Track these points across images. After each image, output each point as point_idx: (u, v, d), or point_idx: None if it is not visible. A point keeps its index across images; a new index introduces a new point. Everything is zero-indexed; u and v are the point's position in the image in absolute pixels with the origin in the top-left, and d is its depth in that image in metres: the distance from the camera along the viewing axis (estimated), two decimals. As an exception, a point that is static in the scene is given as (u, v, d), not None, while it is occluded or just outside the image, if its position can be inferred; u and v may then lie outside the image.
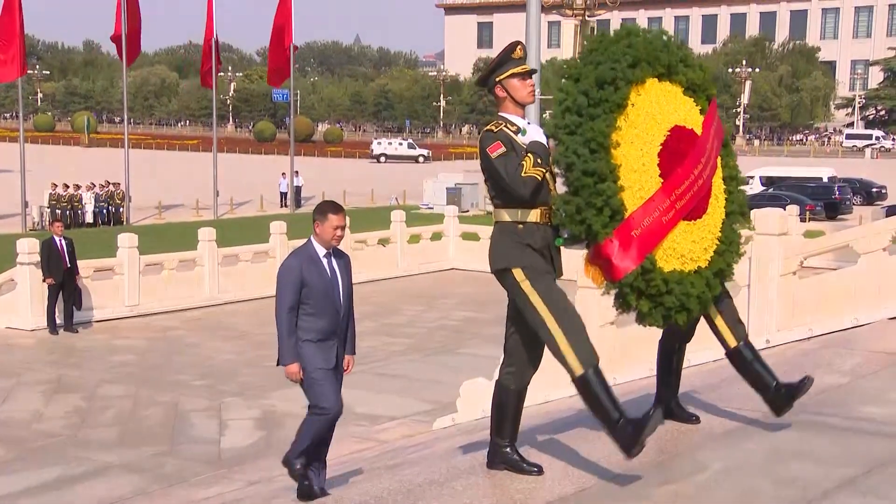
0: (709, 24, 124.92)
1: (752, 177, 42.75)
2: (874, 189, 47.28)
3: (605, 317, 10.75)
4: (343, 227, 6.43)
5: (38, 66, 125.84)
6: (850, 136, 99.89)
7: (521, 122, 4.90)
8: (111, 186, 39.60)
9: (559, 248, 4.90)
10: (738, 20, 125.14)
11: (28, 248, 18.56)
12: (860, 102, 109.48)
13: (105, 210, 38.93)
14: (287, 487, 7.19)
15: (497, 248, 4.88)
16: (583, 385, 4.68)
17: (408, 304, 21.36)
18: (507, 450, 5.02)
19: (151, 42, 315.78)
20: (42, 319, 18.28)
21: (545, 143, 4.85)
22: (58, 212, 35.90)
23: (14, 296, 18.69)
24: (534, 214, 4.81)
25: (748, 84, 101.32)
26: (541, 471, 4.96)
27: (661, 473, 4.92)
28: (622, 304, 4.92)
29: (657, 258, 4.82)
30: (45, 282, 18.01)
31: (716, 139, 5.21)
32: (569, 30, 39.86)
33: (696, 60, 5.30)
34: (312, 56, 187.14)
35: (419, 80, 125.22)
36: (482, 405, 10.27)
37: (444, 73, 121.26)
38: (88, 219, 38.14)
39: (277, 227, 23.14)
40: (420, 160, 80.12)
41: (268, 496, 7.65)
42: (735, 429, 5.63)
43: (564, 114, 4.80)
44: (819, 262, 14.24)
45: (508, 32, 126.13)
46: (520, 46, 5.04)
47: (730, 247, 5.27)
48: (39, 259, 18.21)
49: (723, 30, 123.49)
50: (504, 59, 4.98)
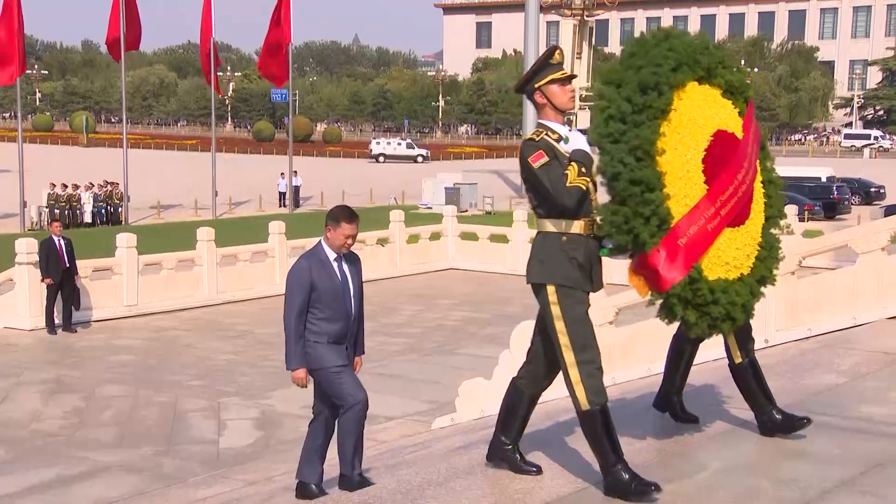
0: (707, 24, 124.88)
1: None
2: (873, 189, 47.32)
3: (604, 316, 10.74)
4: (354, 237, 6.31)
5: (37, 66, 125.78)
6: (849, 136, 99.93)
7: (563, 130, 4.76)
8: (110, 186, 39.60)
9: (601, 260, 4.77)
10: (737, 20, 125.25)
11: (27, 248, 18.56)
12: (859, 102, 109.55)
13: (104, 210, 38.91)
14: (286, 487, 7.19)
15: (536, 261, 4.76)
16: (586, 421, 4.66)
17: (406, 304, 21.35)
18: (509, 448, 5.01)
19: (150, 42, 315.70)
20: (41, 319, 18.26)
21: (589, 152, 4.72)
22: (56, 211, 35.88)
23: (13, 296, 18.68)
24: (578, 226, 4.68)
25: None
26: (539, 471, 4.96)
27: (661, 473, 4.92)
28: (668, 314, 4.81)
29: (703, 267, 4.73)
30: (44, 282, 18.00)
31: (755, 142, 5.12)
32: (567, 30, 39.92)
33: (734, 62, 5.18)
34: (311, 56, 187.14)
35: (418, 80, 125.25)
36: (481, 405, 10.29)
37: (443, 73, 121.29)
38: (87, 219, 38.13)
39: (276, 227, 23.13)
40: (419, 160, 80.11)
41: (266, 496, 7.64)
42: (735, 429, 5.63)
43: (608, 121, 4.66)
44: (818, 262, 14.23)
45: (507, 32, 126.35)
46: (558, 51, 4.88)
47: (770, 252, 5.17)
48: (38, 259, 18.20)
49: (721, 30, 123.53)
50: (543, 65, 4.82)
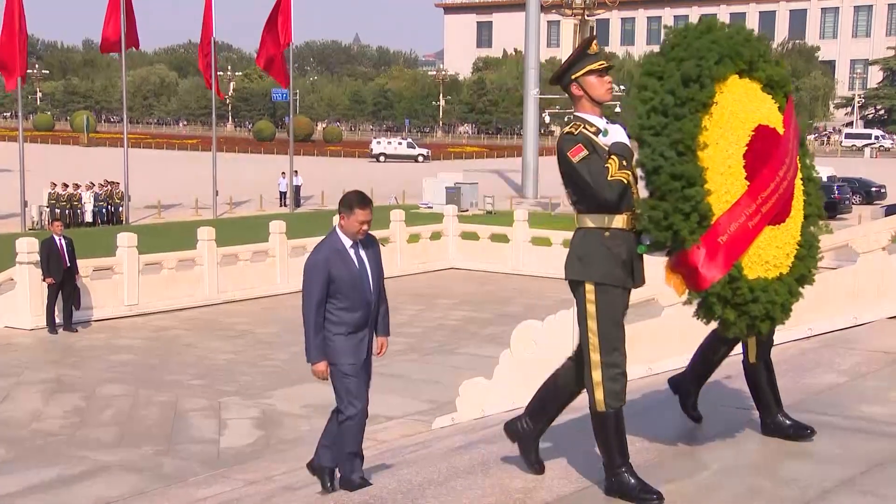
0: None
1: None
2: (873, 188, 47.32)
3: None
4: (369, 222, 6.21)
5: (38, 66, 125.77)
6: (850, 136, 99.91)
7: (601, 123, 4.65)
8: (110, 186, 39.61)
9: (641, 256, 4.67)
10: (738, 19, 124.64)
11: (27, 248, 18.57)
12: (859, 102, 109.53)
13: (104, 209, 38.93)
14: (286, 487, 7.20)
15: (576, 257, 4.64)
16: (599, 422, 4.62)
17: (407, 304, 21.35)
18: (531, 435, 4.96)
19: (151, 41, 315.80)
20: (41, 319, 18.28)
21: (628, 145, 4.62)
22: (57, 211, 35.91)
23: (13, 295, 18.69)
24: (619, 220, 4.56)
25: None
26: (541, 470, 4.96)
27: (661, 473, 4.92)
28: (706, 314, 4.71)
29: (743, 265, 4.63)
30: (45, 281, 18.01)
31: (795, 138, 5.03)
32: (568, 29, 39.90)
33: (775, 56, 5.06)
34: (312, 55, 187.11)
35: (418, 80, 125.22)
36: (481, 405, 10.29)
37: (444, 73, 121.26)
38: (88, 218, 38.15)
39: (277, 227, 23.13)
40: (419, 159, 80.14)
41: (266, 496, 7.63)
42: (735, 428, 5.63)
43: (650, 114, 4.55)
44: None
45: (508, 32, 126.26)
46: (595, 42, 4.77)
47: (809, 251, 5.06)
48: (39, 258, 18.21)
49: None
50: (580, 56, 4.68)
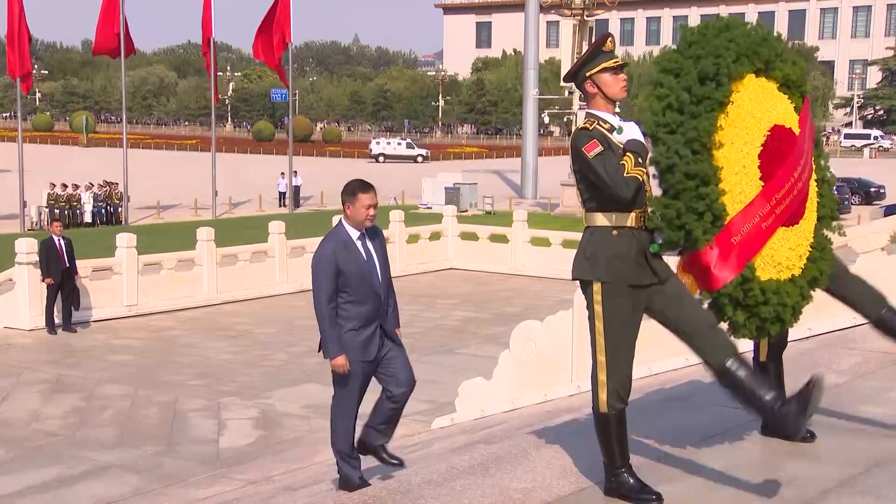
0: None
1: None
2: (873, 189, 47.29)
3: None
4: (375, 206, 6.14)
5: (37, 66, 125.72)
6: (849, 136, 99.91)
7: (615, 120, 4.61)
8: (109, 186, 39.60)
9: (654, 253, 4.61)
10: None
11: (27, 248, 18.56)
12: (858, 102, 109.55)
13: (103, 210, 38.92)
14: (286, 487, 7.20)
15: (584, 256, 4.59)
16: (602, 422, 4.60)
17: (406, 304, 21.24)
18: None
19: (150, 41, 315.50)
20: (40, 319, 18.26)
21: (643, 142, 4.57)
22: (56, 211, 35.89)
23: (12, 295, 18.68)
24: (630, 218, 4.51)
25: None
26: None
27: (661, 472, 4.92)
28: (717, 314, 4.66)
29: (756, 266, 4.59)
30: (44, 282, 18.00)
31: (810, 139, 4.99)
32: (567, 30, 39.87)
33: (791, 55, 5.02)
34: (311, 56, 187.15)
35: (418, 80, 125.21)
36: (481, 405, 10.28)
37: (443, 73, 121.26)
38: (87, 218, 38.14)
39: (276, 227, 23.13)
40: (419, 160, 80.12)
41: (266, 496, 7.63)
42: (734, 428, 5.63)
43: (665, 111, 4.52)
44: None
45: (507, 32, 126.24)
46: (610, 39, 4.72)
47: (822, 253, 5.01)
48: (38, 259, 18.21)
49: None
50: (594, 53, 4.65)
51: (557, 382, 10.42)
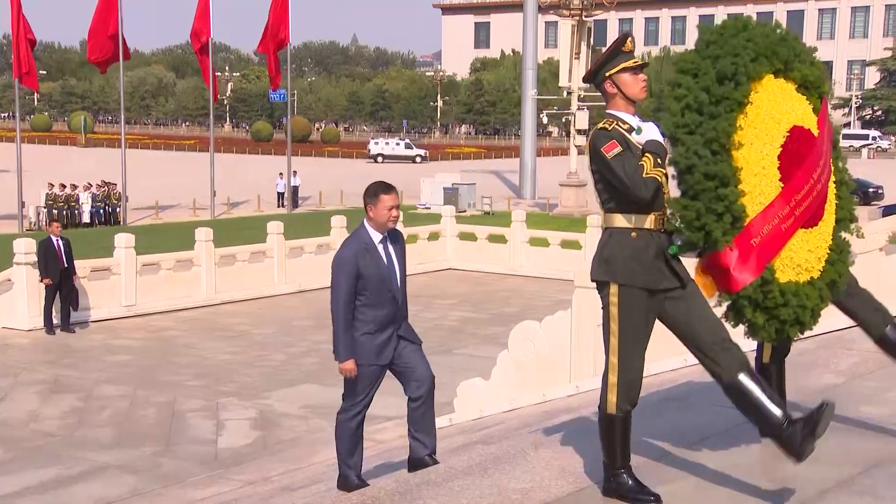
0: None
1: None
2: (871, 189, 47.28)
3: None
4: (397, 207, 6.17)
5: (35, 66, 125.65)
6: (847, 137, 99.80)
7: (634, 121, 4.56)
8: (108, 186, 39.58)
9: (674, 255, 4.57)
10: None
11: (25, 249, 18.56)
12: (857, 103, 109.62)
13: (102, 210, 38.91)
14: (284, 487, 7.20)
15: (602, 257, 4.55)
16: (608, 423, 4.58)
17: (405, 304, 21.33)
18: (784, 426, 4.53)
19: (148, 41, 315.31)
20: (39, 319, 18.26)
21: (663, 143, 4.53)
22: (54, 212, 35.87)
23: (11, 296, 18.67)
24: (649, 220, 4.47)
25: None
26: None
27: (659, 473, 4.92)
28: (736, 317, 4.63)
29: (775, 268, 4.56)
30: (43, 282, 18.00)
31: (829, 140, 4.96)
32: (566, 30, 39.86)
33: (809, 56, 4.98)
34: (309, 56, 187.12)
35: (416, 81, 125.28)
36: (479, 405, 10.28)
37: (442, 74, 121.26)
38: (85, 219, 38.12)
39: (274, 227, 23.14)
40: (417, 160, 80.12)
41: (265, 496, 7.64)
42: (732, 428, 5.63)
43: (684, 111, 4.47)
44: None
45: (506, 33, 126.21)
46: (630, 39, 4.68)
47: (840, 256, 4.96)
48: (36, 259, 18.21)
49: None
50: (614, 53, 4.62)
51: (556, 383, 10.43)
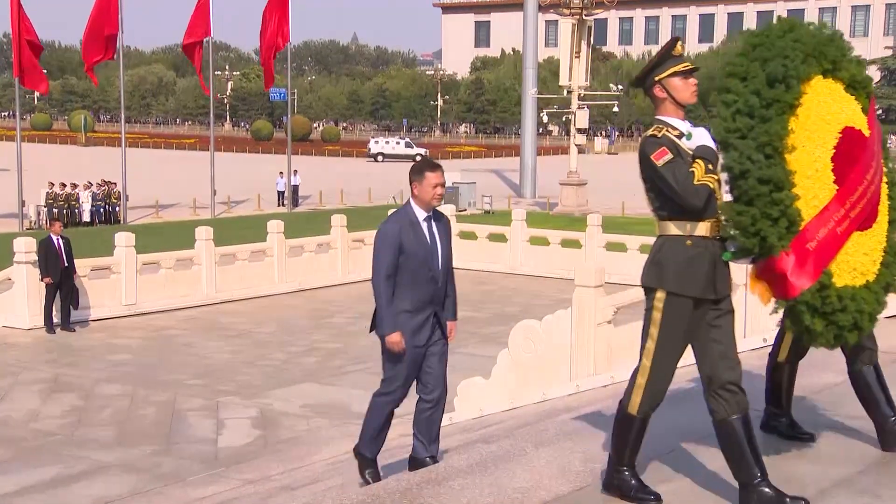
0: (706, 24, 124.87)
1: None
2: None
3: (602, 316, 10.75)
4: (443, 185, 6.16)
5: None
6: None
7: (684, 126, 4.50)
8: (108, 185, 39.57)
9: (726, 263, 4.51)
10: (736, 19, 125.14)
11: (25, 247, 18.56)
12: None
13: (102, 209, 38.90)
14: (284, 486, 7.20)
15: (653, 263, 4.50)
16: (624, 421, 4.57)
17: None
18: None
19: (149, 40, 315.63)
20: (39, 318, 18.27)
21: (714, 148, 4.45)
22: (55, 211, 35.88)
23: (11, 295, 18.68)
24: (703, 227, 4.41)
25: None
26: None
27: (658, 472, 4.92)
28: (794, 323, 4.53)
29: (832, 272, 4.49)
30: (43, 281, 18.01)
31: (878, 140, 4.88)
32: (566, 29, 39.86)
33: (855, 55, 4.91)
34: (310, 55, 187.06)
35: (416, 79, 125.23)
36: (479, 404, 10.29)
37: (442, 72, 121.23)
38: (85, 218, 38.11)
39: (275, 226, 23.14)
40: (417, 159, 79.73)
41: (265, 495, 7.64)
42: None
43: (735, 116, 4.40)
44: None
45: (506, 32, 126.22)
46: (680, 43, 4.64)
47: (894, 258, 4.87)
48: (37, 258, 18.21)
49: (720, 29, 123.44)
50: (664, 57, 4.55)
51: (556, 382, 10.44)
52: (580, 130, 41.10)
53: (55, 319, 18.18)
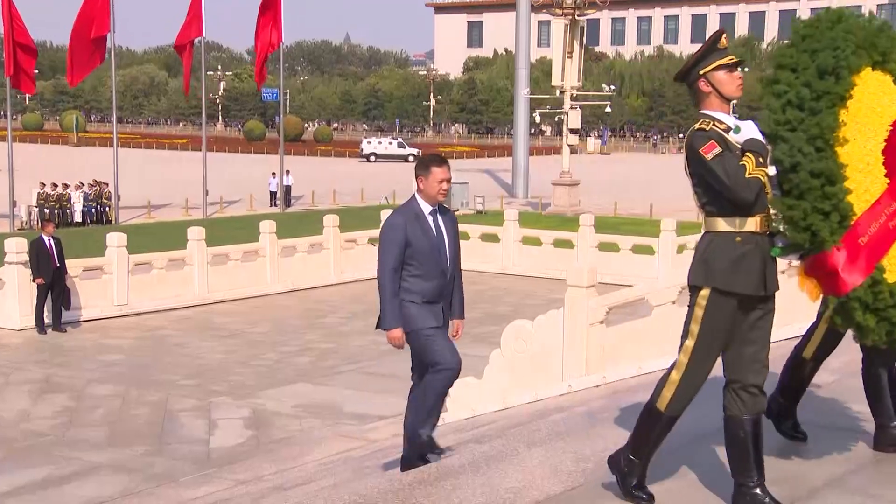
0: (698, 24, 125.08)
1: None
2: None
3: (594, 316, 10.75)
4: (448, 180, 6.09)
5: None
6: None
7: (730, 120, 4.40)
8: (99, 186, 39.48)
9: (774, 259, 4.41)
10: (727, 20, 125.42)
11: (16, 248, 18.51)
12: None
13: (93, 209, 38.80)
14: (276, 487, 7.18)
15: (701, 261, 4.40)
16: (653, 418, 4.53)
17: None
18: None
19: (141, 40, 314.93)
20: (30, 319, 18.22)
21: (763, 141, 4.34)
22: (46, 211, 35.79)
23: (2, 295, 18.63)
24: (752, 223, 4.31)
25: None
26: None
27: (653, 472, 4.92)
28: (846, 320, 4.43)
29: (885, 268, 4.39)
30: (35, 282, 17.96)
31: None
32: (558, 29, 39.87)
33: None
34: (302, 55, 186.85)
35: (409, 80, 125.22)
36: (471, 404, 10.28)
37: (434, 73, 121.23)
38: (77, 218, 38.00)
39: (267, 227, 23.11)
40: (410, 159, 79.98)
41: (257, 496, 7.62)
42: (724, 427, 5.63)
43: (785, 108, 4.30)
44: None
45: (498, 32, 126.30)
46: (724, 36, 4.51)
47: None
48: (28, 259, 18.16)
49: (712, 29, 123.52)
50: (709, 50, 4.46)
51: (548, 382, 10.43)
52: (572, 130, 41.12)
53: (46, 320, 18.14)
